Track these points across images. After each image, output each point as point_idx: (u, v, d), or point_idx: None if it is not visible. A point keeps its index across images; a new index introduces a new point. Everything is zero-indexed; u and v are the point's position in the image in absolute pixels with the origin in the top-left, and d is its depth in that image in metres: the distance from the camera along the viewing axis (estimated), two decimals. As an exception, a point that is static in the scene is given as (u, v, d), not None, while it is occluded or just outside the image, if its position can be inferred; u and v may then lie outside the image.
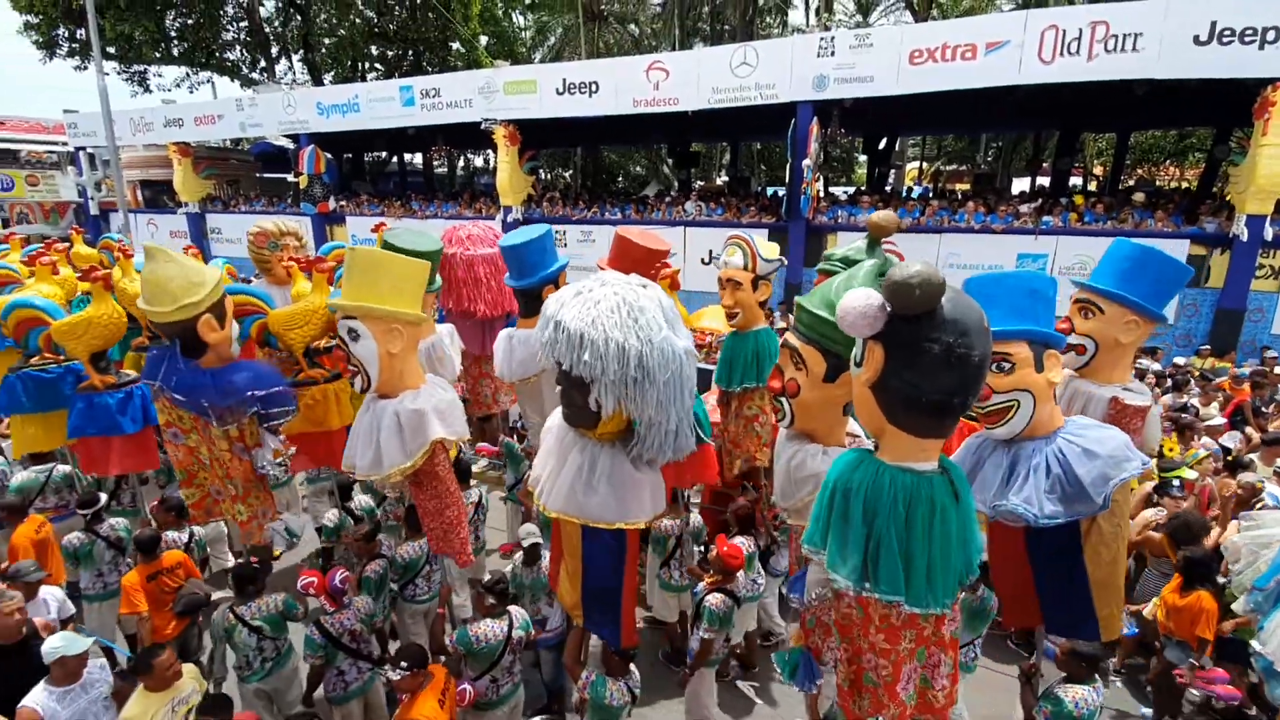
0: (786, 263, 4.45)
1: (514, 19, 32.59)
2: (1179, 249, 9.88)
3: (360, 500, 5.14)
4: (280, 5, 27.74)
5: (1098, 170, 27.98)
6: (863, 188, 19.32)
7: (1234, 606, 3.65)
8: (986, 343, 2.02)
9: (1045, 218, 11.86)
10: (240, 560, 4.50)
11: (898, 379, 2.02)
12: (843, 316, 2.04)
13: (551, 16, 29.46)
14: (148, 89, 28.53)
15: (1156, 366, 8.85)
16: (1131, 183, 20.86)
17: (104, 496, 4.94)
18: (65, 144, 24.58)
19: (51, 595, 4.13)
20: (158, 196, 22.94)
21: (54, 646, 3.19)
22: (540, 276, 4.54)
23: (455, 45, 27.71)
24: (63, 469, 5.35)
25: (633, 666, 3.54)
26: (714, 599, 3.98)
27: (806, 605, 2.74)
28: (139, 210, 22.06)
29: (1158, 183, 25.49)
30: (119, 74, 26.82)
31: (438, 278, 4.63)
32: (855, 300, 2.00)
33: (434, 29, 26.55)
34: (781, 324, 9.58)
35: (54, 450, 5.42)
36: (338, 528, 4.88)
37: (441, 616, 4.53)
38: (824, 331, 2.57)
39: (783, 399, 2.82)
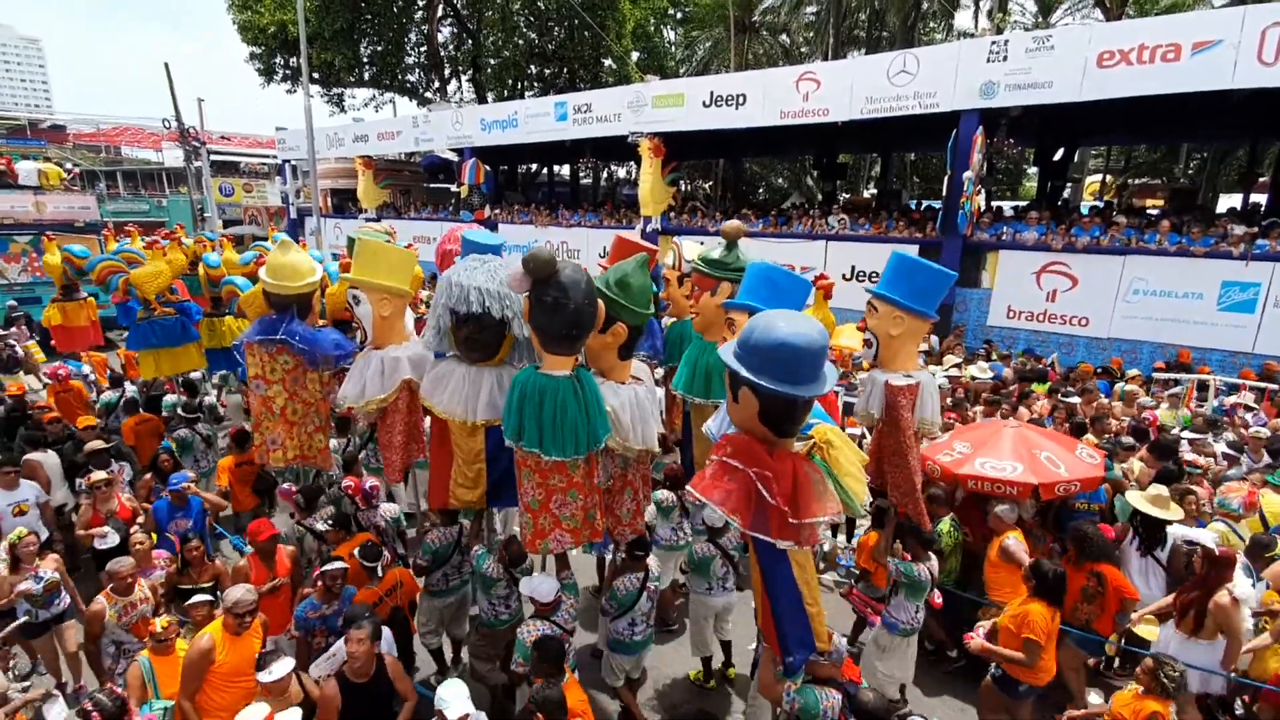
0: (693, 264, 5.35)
1: (664, 34, 33.33)
2: None
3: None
4: (455, 30, 30.33)
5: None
6: (1030, 202, 17.67)
7: None
8: (581, 297, 3.40)
9: (1261, 240, 10.15)
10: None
11: (536, 320, 3.48)
12: (506, 279, 3.51)
13: (701, 30, 29.74)
14: (343, 109, 32.42)
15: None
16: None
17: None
18: (275, 157, 28.41)
19: (387, 638, 4.16)
20: (343, 203, 25.93)
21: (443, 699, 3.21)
22: None
23: (607, 62, 28.78)
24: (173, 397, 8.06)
25: (537, 568, 4.73)
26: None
27: None
28: (328, 215, 24.93)
29: None
30: (321, 96, 30.63)
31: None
32: (512, 270, 3.41)
33: (589, 47, 27.78)
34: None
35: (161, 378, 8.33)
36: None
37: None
38: (606, 296, 3.71)
39: None
